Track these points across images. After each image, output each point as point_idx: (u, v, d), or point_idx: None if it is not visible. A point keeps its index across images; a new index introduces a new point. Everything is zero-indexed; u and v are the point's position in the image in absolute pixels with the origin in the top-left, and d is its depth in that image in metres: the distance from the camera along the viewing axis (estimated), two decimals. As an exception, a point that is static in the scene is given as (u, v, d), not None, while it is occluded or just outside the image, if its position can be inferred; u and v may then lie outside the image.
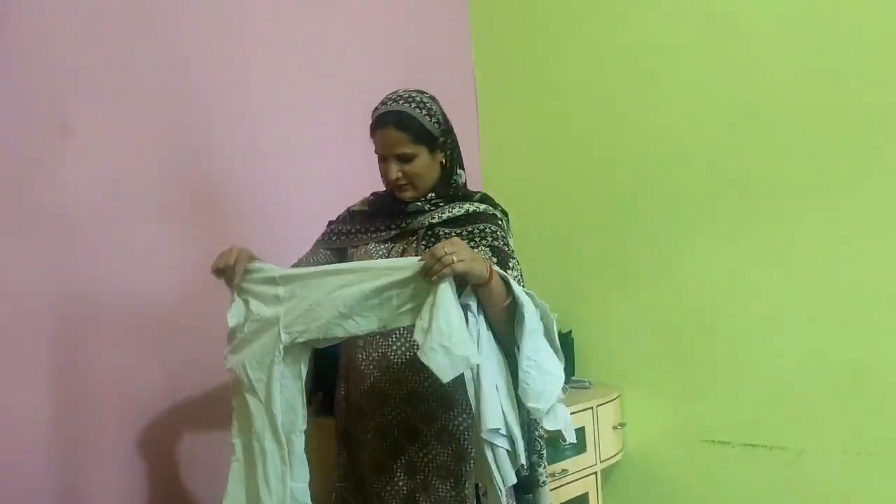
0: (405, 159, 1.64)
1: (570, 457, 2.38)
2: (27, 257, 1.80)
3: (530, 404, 1.43)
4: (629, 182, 2.62)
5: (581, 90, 2.74)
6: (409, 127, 1.62)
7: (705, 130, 2.42)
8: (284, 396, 1.50)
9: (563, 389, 2.43)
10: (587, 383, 2.64)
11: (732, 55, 2.35)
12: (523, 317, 1.45)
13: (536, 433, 1.67)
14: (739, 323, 2.36)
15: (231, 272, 1.51)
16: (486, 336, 1.46)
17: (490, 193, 1.81)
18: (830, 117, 2.17)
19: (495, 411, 1.42)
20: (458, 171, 1.76)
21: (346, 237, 1.78)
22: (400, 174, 1.65)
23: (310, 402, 2.30)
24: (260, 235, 2.21)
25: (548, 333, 1.50)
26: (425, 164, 1.66)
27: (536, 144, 2.91)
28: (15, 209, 1.79)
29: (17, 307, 1.78)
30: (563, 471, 2.34)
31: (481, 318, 1.46)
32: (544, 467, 1.69)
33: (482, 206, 1.72)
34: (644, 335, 2.59)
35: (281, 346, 1.49)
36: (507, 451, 1.45)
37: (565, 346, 2.67)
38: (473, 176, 2.98)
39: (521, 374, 1.44)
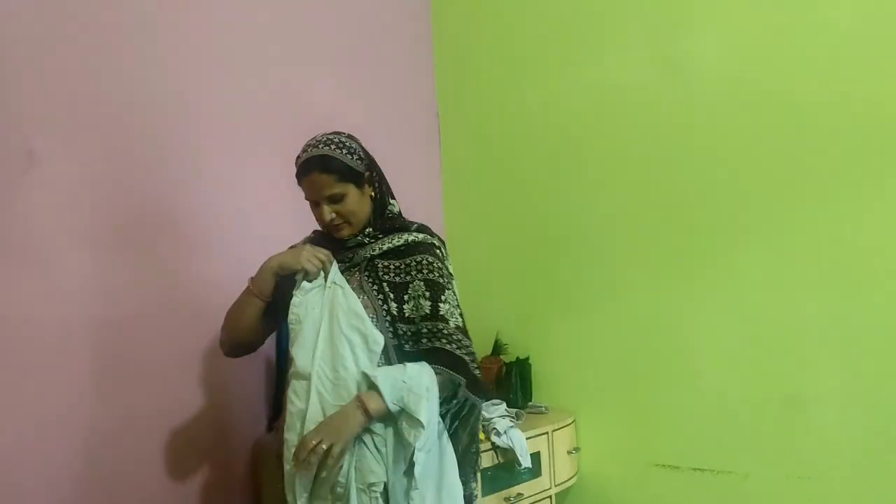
0: (335, 200, 1.69)
1: (526, 481, 2.43)
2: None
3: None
4: (584, 216, 2.70)
5: (539, 125, 2.82)
6: (332, 168, 1.67)
7: (653, 166, 2.51)
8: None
9: (518, 415, 2.51)
10: (543, 408, 2.70)
11: (678, 95, 2.45)
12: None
13: (473, 448, 1.74)
14: (687, 352, 2.44)
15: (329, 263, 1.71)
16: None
17: (451, 224, 1.87)
18: (770, 155, 2.27)
19: None
20: (391, 201, 1.81)
21: (288, 276, 1.79)
22: (334, 215, 1.70)
23: (270, 427, 2.35)
24: (216, 261, 2.28)
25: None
26: (356, 201, 1.71)
27: (496, 177, 2.98)
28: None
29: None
30: (519, 495, 2.39)
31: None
32: (476, 481, 1.79)
33: (420, 236, 1.76)
34: (598, 362, 2.66)
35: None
36: None
37: (523, 371, 2.74)
38: (434, 205, 3.05)
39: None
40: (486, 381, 2.38)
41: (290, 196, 1.80)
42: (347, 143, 1.72)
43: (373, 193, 1.76)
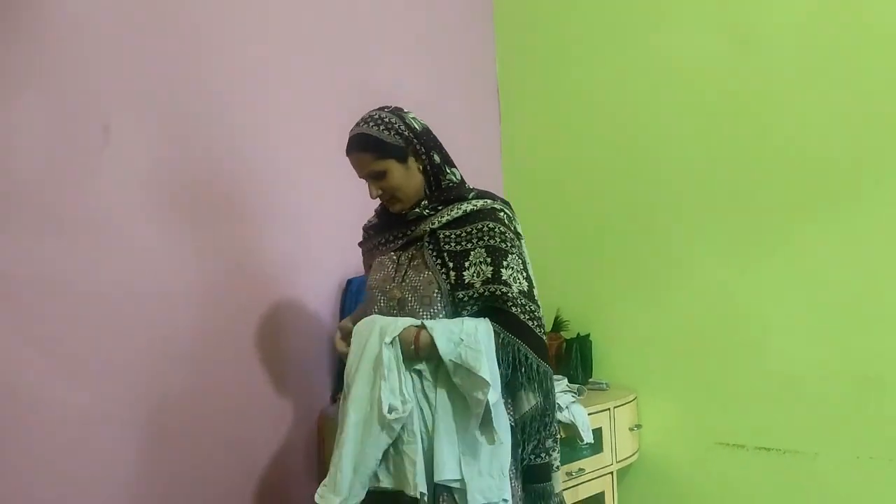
0: (378, 177, 1.71)
1: (587, 456, 2.42)
2: (69, 256, 1.87)
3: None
4: (648, 191, 2.66)
5: (602, 100, 2.79)
6: (370, 146, 1.70)
7: (722, 141, 2.46)
8: None
9: (580, 391, 2.50)
10: (604, 385, 2.68)
11: (748, 70, 2.39)
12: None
13: (550, 418, 1.71)
14: (754, 328, 2.40)
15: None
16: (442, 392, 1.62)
17: (511, 200, 1.85)
18: (841, 130, 2.21)
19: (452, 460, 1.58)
20: (448, 170, 1.78)
21: (368, 253, 1.89)
22: (380, 192, 1.73)
23: (334, 399, 2.40)
24: (281, 236, 2.32)
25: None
26: (400, 176, 1.72)
27: (557, 153, 2.95)
28: (58, 209, 1.87)
29: (61, 304, 1.86)
30: (580, 470, 2.39)
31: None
32: (558, 451, 1.75)
33: (479, 203, 1.74)
34: (660, 339, 2.63)
35: None
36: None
37: (583, 348, 2.73)
38: (495, 182, 3.05)
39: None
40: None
41: (353, 174, 1.82)
42: (386, 119, 1.72)
43: (420, 166, 1.75)
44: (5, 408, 1.75)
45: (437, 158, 1.76)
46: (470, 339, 1.58)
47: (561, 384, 2.46)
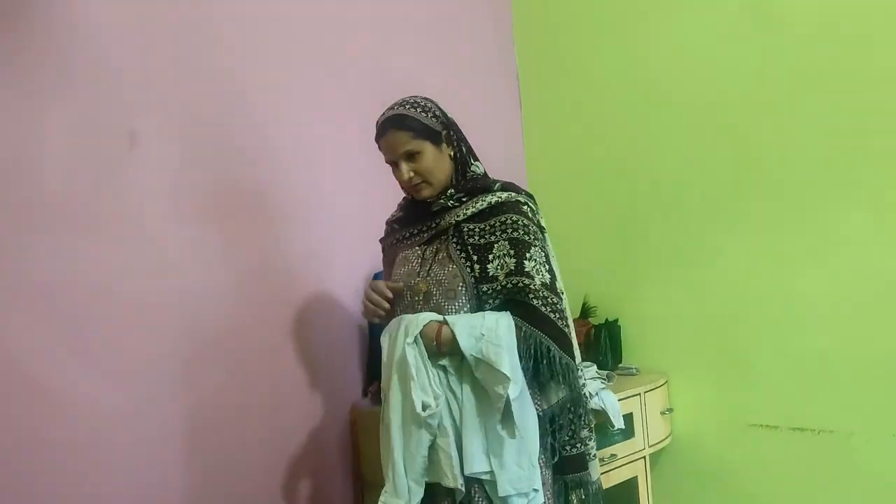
0: (412, 157, 1.71)
1: (619, 442, 2.42)
2: (99, 258, 1.91)
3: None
4: (673, 174, 2.63)
5: (624, 84, 2.76)
6: (407, 126, 1.70)
7: (745, 123, 2.43)
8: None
9: (610, 377, 2.49)
10: (634, 370, 2.68)
11: (767, 48, 2.36)
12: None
13: (582, 409, 1.72)
14: (784, 308, 2.38)
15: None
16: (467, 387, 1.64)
17: (535, 187, 1.85)
18: (872, 111, 2.17)
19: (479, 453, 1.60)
20: (474, 162, 1.81)
21: (390, 248, 1.90)
22: (412, 173, 1.72)
23: (366, 392, 2.42)
24: (306, 233, 2.34)
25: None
26: (433, 159, 1.72)
27: (580, 138, 2.93)
28: (88, 211, 1.90)
29: (92, 305, 1.89)
30: (612, 455, 2.39)
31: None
32: (594, 440, 1.76)
33: (504, 195, 1.74)
34: (690, 322, 2.62)
35: None
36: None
37: (612, 333, 2.72)
38: (517, 169, 3.04)
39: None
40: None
41: (375, 166, 1.83)
42: (422, 103, 1.75)
43: (451, 153, 1.77)
44: (40, 408, 1.79)
45: (463, 149, 1.79)
46: (491, 335, 1.58)
47: (590, 370, 2.46)
